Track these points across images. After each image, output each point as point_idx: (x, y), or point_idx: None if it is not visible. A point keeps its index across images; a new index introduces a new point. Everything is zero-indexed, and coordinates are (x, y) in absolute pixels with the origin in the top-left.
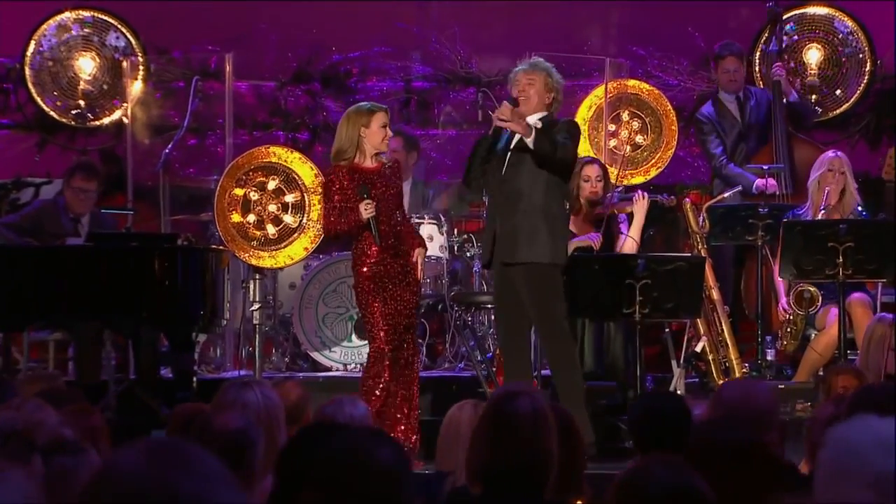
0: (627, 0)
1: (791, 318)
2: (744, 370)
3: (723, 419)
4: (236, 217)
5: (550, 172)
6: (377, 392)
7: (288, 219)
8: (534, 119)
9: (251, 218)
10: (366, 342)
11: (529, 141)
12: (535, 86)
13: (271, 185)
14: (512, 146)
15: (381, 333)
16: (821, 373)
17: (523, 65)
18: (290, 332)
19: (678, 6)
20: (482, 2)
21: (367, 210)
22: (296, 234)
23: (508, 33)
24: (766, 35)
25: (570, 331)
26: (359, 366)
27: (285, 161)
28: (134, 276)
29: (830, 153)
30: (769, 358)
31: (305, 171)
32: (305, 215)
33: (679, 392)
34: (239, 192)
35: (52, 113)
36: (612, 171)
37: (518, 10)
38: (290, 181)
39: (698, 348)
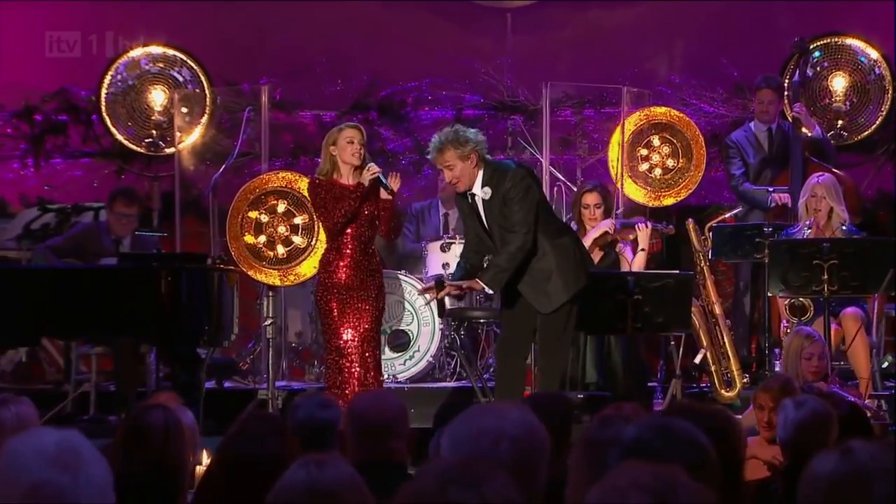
0: (687, 31)
1: (790, 330)
2: (744, 381)
3: (250, 433)
4: (249, 238)
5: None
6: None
7: (297, 239)
8: (479, 189)
9: (262, 239)
10: (398, 354)
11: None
12: (455, 167)
13: (281, 207)
14: (483, 216)
15: (334, 345)
16: None
17: (431, 152)
18: None
19: (728, 38)
20: (555, 33)
21: (369, 171)
22: (304, 255)
23: (578, 63)
24: (792, 67)
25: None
26: (391, 377)
27: (294, 185)
28: (140, 294)
29: (814, 179)
30: (776, 369)
31: None
32: (314, 236)
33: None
34: (253, 214)
35: (125, 142)
36: (641, 192)
37: (587, 41)
38: (300, 204)
39: (697, 360)
